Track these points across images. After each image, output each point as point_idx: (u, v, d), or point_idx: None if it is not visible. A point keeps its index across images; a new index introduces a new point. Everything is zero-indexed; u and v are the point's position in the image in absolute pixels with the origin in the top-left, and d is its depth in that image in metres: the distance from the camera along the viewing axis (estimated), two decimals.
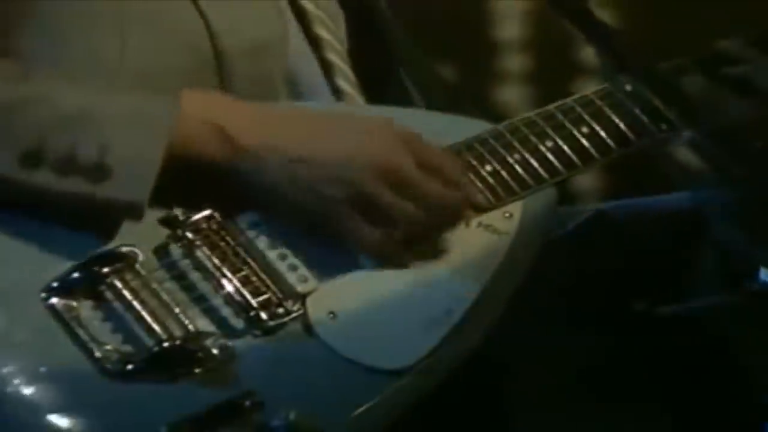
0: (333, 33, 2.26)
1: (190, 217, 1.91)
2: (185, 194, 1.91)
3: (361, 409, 1.85)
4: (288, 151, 1.92)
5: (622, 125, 2.04)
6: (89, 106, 1.89)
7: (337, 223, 1.93)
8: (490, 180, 2.02)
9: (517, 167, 2.03)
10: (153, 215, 1.89)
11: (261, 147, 1.93)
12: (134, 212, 1.86)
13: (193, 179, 1.91)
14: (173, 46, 2.06)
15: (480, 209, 2.01)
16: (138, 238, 1.88)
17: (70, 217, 1.87)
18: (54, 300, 1.80)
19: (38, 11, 2.02)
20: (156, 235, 1.89)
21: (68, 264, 1.84)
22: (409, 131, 1.98)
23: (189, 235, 1.90)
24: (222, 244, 1.91)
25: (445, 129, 2.08)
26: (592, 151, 2.03)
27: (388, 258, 1.95)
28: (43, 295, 1.80)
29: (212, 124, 1.92)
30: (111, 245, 1.86)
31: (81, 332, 1.78)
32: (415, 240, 1.96)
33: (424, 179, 1.94)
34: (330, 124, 1.99)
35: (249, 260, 1.90)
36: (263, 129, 1.95)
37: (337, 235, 1.93)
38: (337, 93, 2.23)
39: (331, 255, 1.96)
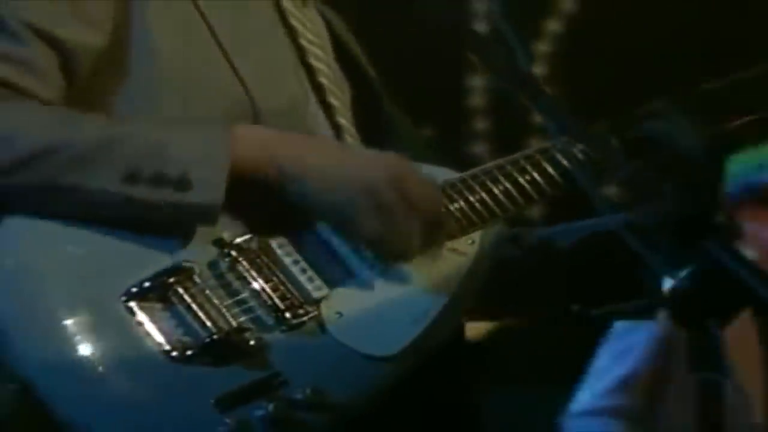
0: (341, 100, 2.26)
1: (234, 240, 1.97)
2: (231, 222, 1.97)
3: (359, 386, 1.95)
4: (317, 171, 1.98)
5: (555, 174, 2.12)
6: (170, 137, 1.95)
7: (348, 221, 1.98)
8: (458, 214, 2.08)
9: (478, 205, 2.09)
10: (207, 238, 1.96)
11: (299, 167, 1.98)
12: (211, 216, 1.93)
13: (239, 209, 1.97)
14: (221, 106, 2.08)
15: (450, 237, 2.05)
16: (196, 256, 1.94)
17: (146, 233, 1.93)
18: (132, 303, 1.87)
19: (127, 88, 2.05)
20: (209, 253, 1.95)
21: (142, 275, 1.90)
22: (409, 170, 2.03)
23: (233, 253, 1.96)
24: (258, 260, 1.96)
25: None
26: (533, 193, 2.12)
27: (386, 252, 2.00)
28: (123, 298, 1.87)
29: (262, 148, 1.98)
30: (175, 261, 1.93)
31: (152, 327, 1.87)
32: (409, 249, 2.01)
33: (410, 201, 1.97)
34: (349, 157, 2.05)
35: (278, 273, 1.97)
36: (301, 152, 2.00)
37: (351, 233, 2.00)
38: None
39: (340, 270, 2.01)
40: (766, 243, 3.99)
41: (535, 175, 2.14)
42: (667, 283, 1.64)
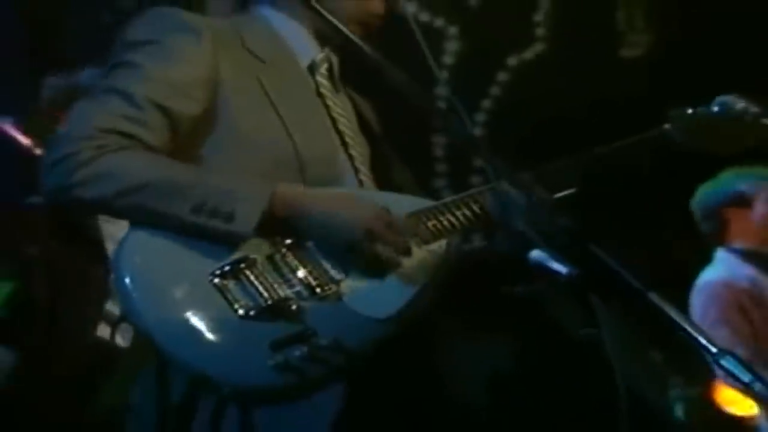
0: (360, 153, 2.25)
1: (284, 241, 1.99)
2: (281, 231, 1.98)
3: (364, 338, 1.96)
4: (322, 215, 1.99)
5: (493, 203, 2.09)
6: (228, 186, 1.96)
7: (344, 247, 1.99)
8: (432, 228, 2.07)
9: (446, 222, 2.09)
10: (267, 240, 1.98)
11: (310, 212, 1.99)
12: (243, 239, 1.94)
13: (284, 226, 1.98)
14: (279, 156, 2.08)
15: (426, 242, 2.06)
16: (259, 251, 1.96)
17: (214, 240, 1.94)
18: (216, 280, 1.91)
19: (212, 142, 2.08)
20: (268, 249, 1.97)
21: (223, 262, 1.93)
22: (384, 211, 2.01)
23: (283, 249, 1.98)
24: (299, 253, 1.99)
25: (411, 204, 2.12)
26: (481, 215, 2.12)
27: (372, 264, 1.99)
28: (209, 277, 1.91)
29: (289, 201, 1.99)
30: (245, 254, 1.95)
31: (228, 296, 1.90)
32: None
33: (388, 233, 1.99)
34: (344, 204, 2.02)
35: (311, 262, 1.99)
36: (312, 203, 2.01)
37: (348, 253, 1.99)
38: (361, 185, 2.18)
39: (350, 262, 2.00)
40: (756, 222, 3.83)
41: (482, 202, 2.14)
42: (564, 271, 1.69)
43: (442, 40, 5.03)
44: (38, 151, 3.38)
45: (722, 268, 4.01)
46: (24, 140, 3.58)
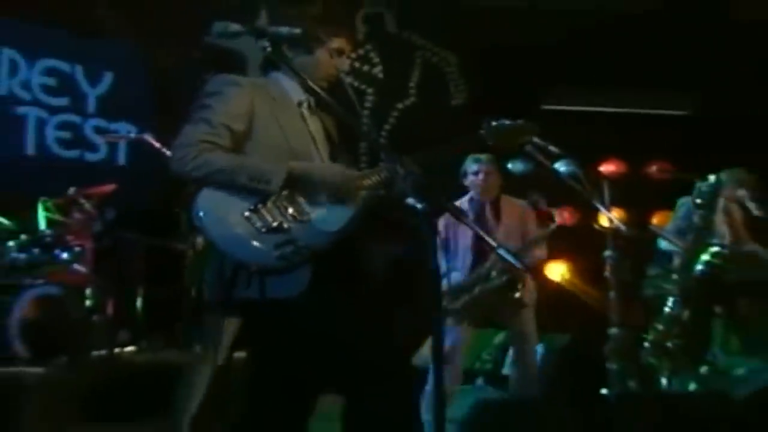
0: (323, 148, 2.02)
1: (282, 193, 1.85)
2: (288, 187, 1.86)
3: (324, 242, 1.86)
4: (313, 175, 1.89)
5: (391, 172, 1.96)
6: (265, 167, 1.84)
7: (326, 191, 1.88)
8: (360, 185, 1.94)
9: (367, 182, 1.95)
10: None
11: (311, 174, 1.89)
12: (273, 192, 1.83)
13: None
14: (280, 150, 1.92)
15: (357, 193, 1.93)
16: (269, 198, 1.84)
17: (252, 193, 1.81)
18: (246, 213, 1.81)
19: (250, 143, 1.91)
20: (273, 197, 1.84)
21: (249, 204, 1.82)
22: (348, 173, 1.92)
23: (281, 197, 1.85)
24: (289, 199, 1.85)
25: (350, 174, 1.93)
26: (385, 178, 1.96)
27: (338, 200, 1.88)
28: (243, 212, 1.81)
29: (300, 170, 1.88)
30: (262, 199, 1.82)
31: (252, 221, 1.81)
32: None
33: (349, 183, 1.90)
34: (329, 170, 1.93)
35: (296, 203, 1.86)
36: (312, 170, 1.90)
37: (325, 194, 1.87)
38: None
39: (324, 199, 1.89)
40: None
41: (387, 172, 1.97)
42: (421, 206, 1.61)
43: (364, 95, 5.19)
44: (166, 152, 3.15)
45: None
46: (157, 145, 3.41)
